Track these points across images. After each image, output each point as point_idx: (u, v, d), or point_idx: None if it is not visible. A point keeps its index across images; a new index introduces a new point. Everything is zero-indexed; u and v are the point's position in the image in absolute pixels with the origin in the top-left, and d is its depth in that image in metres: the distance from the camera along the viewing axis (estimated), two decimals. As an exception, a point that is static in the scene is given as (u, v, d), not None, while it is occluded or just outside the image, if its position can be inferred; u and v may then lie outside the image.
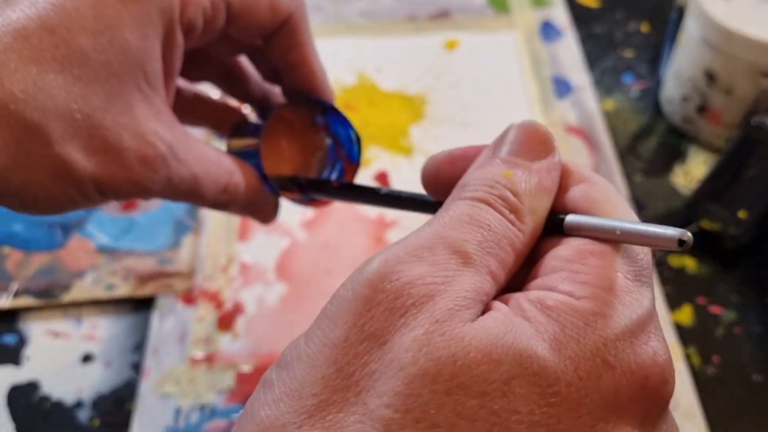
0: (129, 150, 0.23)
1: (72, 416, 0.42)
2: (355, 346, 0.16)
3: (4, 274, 0.48)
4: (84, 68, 0.21)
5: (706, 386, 0.42)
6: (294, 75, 0.29)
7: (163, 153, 0.23)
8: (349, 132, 0.30)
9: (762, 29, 0.47)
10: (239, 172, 0.27)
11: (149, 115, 0.23)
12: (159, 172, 0.24)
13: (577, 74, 0.60)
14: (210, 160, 0.26)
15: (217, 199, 0.27)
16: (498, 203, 0.19)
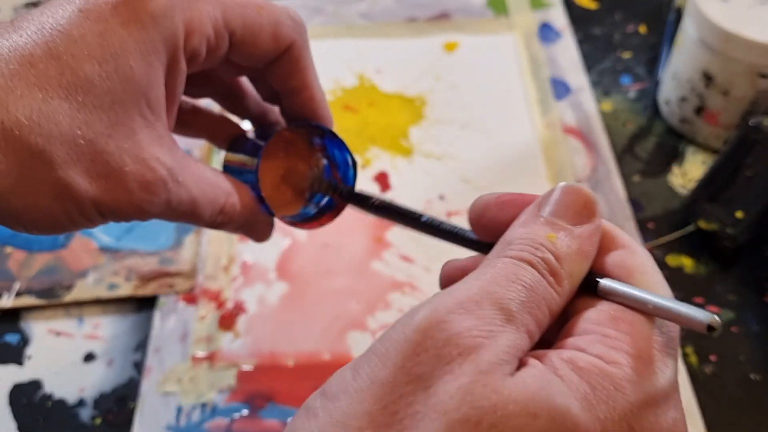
0: (130, 174, 0.23)
1: (74, 415, 0.42)
2: (401, 386, 0.17)
3: (7, 273, 0.48)
4: (89, 95, 0.22)
5: (703, 385, 0.42)
6: (294, 99, 0.30)
7: (164, 177, 0.24)
8: (346, 156, 0.31)
9: (759, 30, 0.47)
10: (236, 194, 0.28)
11: (151, 141, 0.24)
12: (159, 196, 0.24)
13: (576, 75, 0.61)
14: (208, 182, 0.27)
15: (214, 220, 0.27)
16: (541, 265, 0.20)
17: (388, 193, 0.53)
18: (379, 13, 0.67)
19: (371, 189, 0.53)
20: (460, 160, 0.55)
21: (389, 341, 0.18)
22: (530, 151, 0.55)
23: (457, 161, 0.55)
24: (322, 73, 0.63)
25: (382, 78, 0.61)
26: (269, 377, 0.43)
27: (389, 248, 0.50)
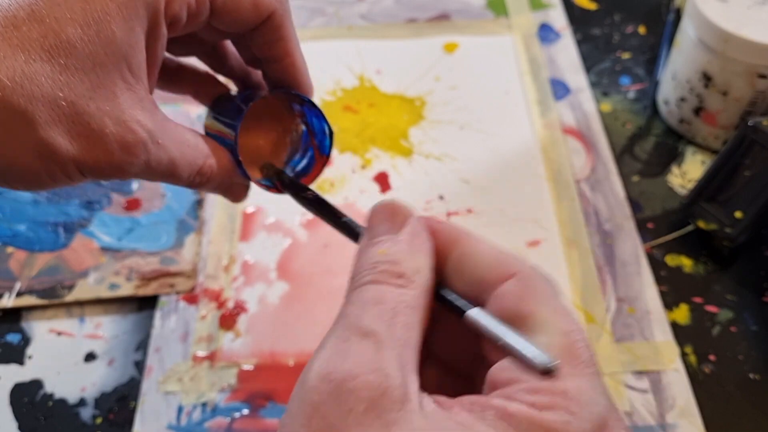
0: (111, 136, 0.24)
1: (75, 414, 0.42)
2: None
3: (8, 273, 0.48)
4: (71, 58, 0.22)
5: (702, 384, 0.43)
6: (275, 67, 0.30)
7: (144, 139, 0.25)
8: (324, 125, 0.32)
9: (758, 31, 0.48)
10: (214, 156, 0.29)
11: (131, 104, 0.24)
12: (139, 157, 0.25)
13: (575, 76, 0.61)
14: (187, 144, 0.27)
15: (192, 180, 0.28)
16: (383, 278, 0.21)
17: (389, 193, 0.53)
18: (380, 14, 0.67)
19: (371, 189, 0.53)
20: (459, 160, 0.55)
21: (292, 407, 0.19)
22: (530, 152, 0.55)
23: (457, 162, 0.55)
24: (323, 74, 0.63)
25: (382, 79, 0.62)
26: (270, 377, 0.43)
27: (389, 248, 0.50)
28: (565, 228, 0.50)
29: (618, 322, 0.45)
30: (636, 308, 0.46)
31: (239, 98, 0.32)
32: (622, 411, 0.41)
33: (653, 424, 0.41)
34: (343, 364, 0.19)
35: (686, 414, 0.41)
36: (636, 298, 0.46)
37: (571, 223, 0.50)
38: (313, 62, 0.66)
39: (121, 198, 0.52)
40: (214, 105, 0.33)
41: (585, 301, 0.46)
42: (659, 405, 0.42)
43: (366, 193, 0.53)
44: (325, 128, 0.32)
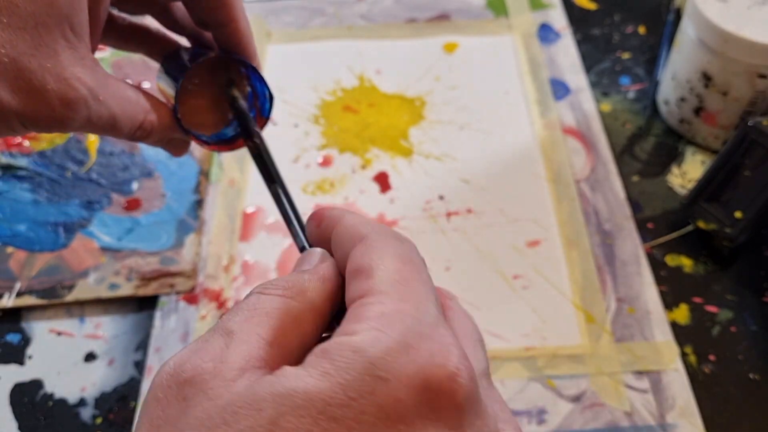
0: (52, 92, 0.25)
1: (75, 414, 0.42)
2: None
3: (8, 273, 0.48)
4: (13, 17, 0.23)
5: (702, 384, 0.43)
6: (221, 31, 0.31)
7: (84, 95, 0.26)
8: (265, 89, 0.33)
9: (758, 31, 0.48)
10: (154, 112, 0.30)
11: (73, 61, 0.25)
12: (80, 112, 0.26)
13: (575, 76, 0.61)
14: (128, 100, 0.28)
15: (133, 135, 0.29)
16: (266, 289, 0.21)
17: (389, 193, 0.53)
18: (379, 14, 0.67)
19: (371, 189, 0.53)
20: (459, 160, 0.55)
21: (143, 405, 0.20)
22: (529, 152, 0.55)
23: (457, 161, 0.55)
24: (323, 74, 0.63)
25: (382, 79, 0.62)
26: (270, 376, 0.43)
27: (389, 248, 0.50)
28: (565, 228, 0.50)
29: (618, 322, 0.45)
30: (636, 308, 0.46)
31: (187, 56, 0.33)
32: (622, 411, 0.41)
33: (653, 424, 0.41)
34: (192, 360, 0.19)
35: (686, 414, 0.41)
36: (636, 298, 0.46)
37: (571, 223, 0.50)
38: (313, 62, 0.66)
39: (121, 198, 0.52)
40: (164, 60, 0.34)
41: (585, 301, 0.46)
42: (659, 405, 0.42)
43: (366, 193, 0.53)
44: (267, 92, 0.33)
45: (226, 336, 0.20)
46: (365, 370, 0.18)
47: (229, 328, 0.20)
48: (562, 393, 0.42)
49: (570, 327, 0.45)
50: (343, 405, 0.17)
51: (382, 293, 0.20)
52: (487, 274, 0.48)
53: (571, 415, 0.41)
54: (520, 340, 0.45)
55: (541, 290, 0.47)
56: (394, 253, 0.22)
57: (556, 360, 0.44)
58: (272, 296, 0.21)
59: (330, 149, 0.56)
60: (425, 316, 0.19)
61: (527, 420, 0.41)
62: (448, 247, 0.50)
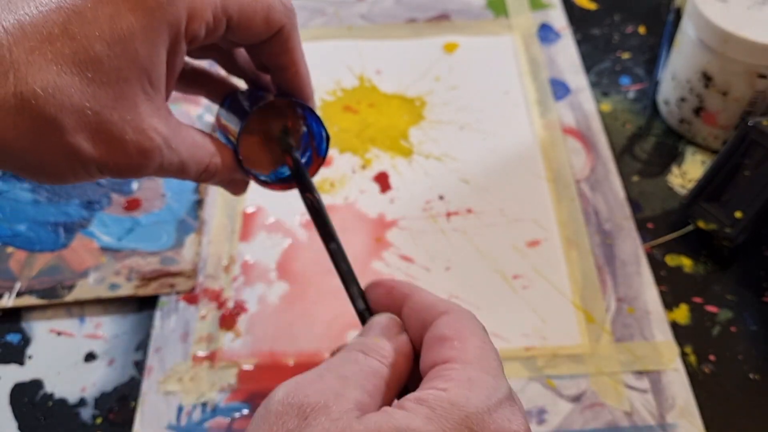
0: (130, 142, 0.26)
1: (75, 414, 0.42)
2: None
3: (8, 273, 0.48)
4: (97, 72, 0.25)
5: (702, 384, 0.43)
6: (282, 75, 0.33)
7: (159, 145, 0.27)
8: (321, 130, 0.34)
9: (758, 31, 0.48)
10: (219, 155, 0.31)
11: (150, 113, 0.27)
12: (154, 160, 0.27)
13: (575, 76, 0.61)
14: (196, 145, 0.30)
15: (198, 177, 0.31)
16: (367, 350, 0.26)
17: (389, 193, 0.53)
18: (379, 15, 0.67)
19: (372, 189, 0.53)
20: (459, 160, 0.55)
21: (258, 416, 0.23)
22: (529, 152, 0.55)
23: (457, 162, 0.55)
24: (323, 74, 0.63)
25: (382, 79, 0.62)
26: (270, 376, 0.43)
27: (389, 248, 0.50)
28: (565, 228, 0.50)
29: (618, 322, 0.45)
30: (636, 308, 0.46)
31: (247, 99, 0.34)
32: (622, 411, 0.41)
33: (653, 424, 0.41)
34: (310, 388, 0.23)
35: (686, 414, 0.41)
36: (636, 298, 0.46)
37: (571, 223, 0.50)
38: (313, 62, 0.66)
39: (121, 198, 0.52)
40: (223, 103, 0.35)
41: (585, 300, 0.46)
42: (659, 405, 0.42)
43: (366, 193, 0.53)
44: (323, 133, 0.34)
45: (341, 379, 0.24)
46: (462, 421, 0.22)
47: (344, 374, 0.24)
48: (562, 393, 0.42)
49: (570, 327, 0.45)
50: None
51: (467, 362, 0.24)
52: (487, 274, 0.48)
53: (571, 415, 0.41)
54: (520, 339, 0.45)
55: (541, 290, 0.47)
56: (475, 329, 0.26)
57: (556, 360, 0.44)
58: (374, 359, 0.26)
59: (330, 149, 0.56)
60: (502, 388, 0.24)
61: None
62: (448, 247, 0.50)
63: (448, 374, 0.24)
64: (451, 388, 0.23)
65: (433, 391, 0.23)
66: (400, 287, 0.29)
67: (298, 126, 0.35)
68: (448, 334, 0.26)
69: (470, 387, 0.23)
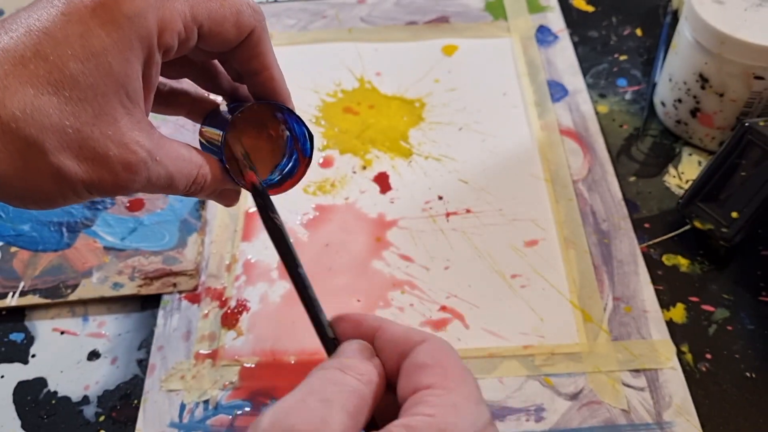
0: (114, 157, 0.26)
1: (78, 412, 0.43)
2: None
3: (12, 273, 0.49)
4: (74, 90, 0.25)
5: (699, 383, 0.43)
6: (256, 80, 0.33)
7: (144, 158, 0.27)
8: (303, 129, 0.34)
9: (755, 33, 0.48)
10: (206, 166, 0.31)
11: (131, 127, 0.27)
12: (141, 174, 0.27)
13: (573, 78, 0.61)
14: (183, 159, 0.30)
15: (188, 190, 0.31)
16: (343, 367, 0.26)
17: (389, 193, 0.54)
18: (380, 17, 0.68)
19: (372, 189, 0.54)
20: (458, 161, 0.56)
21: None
22: (528, 153, 0.56)
23: (456, 162, 0.56)
24: (324, 76, 0.64)
25: (382, 80, 0.62)
26: (271, 374, 0.44)
27: (389, 247, 0.50)
28: (562, 228, 0.51)
29: (615, 321, 0.46)
30: (633, 307, 0.46)
31: (227, 111, 0.34)
32: (620, 409, 0.42)
33: (650, 422, 0.41)
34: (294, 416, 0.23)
35: (683, 412, 0.42)
36: (633, 297, 0.47)
37: (569, 223, 0.51)
38: (313, 64, 0.66)
39: (124, 198, 0.53)
40: (205, 120, 0.35)
41: (582, 300, 0.47)
42: (656, 403, 0.42)
43: (366, 193, 0.54)
44: (305, 132, 0.34)
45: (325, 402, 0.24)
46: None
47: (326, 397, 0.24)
48: (560, 391, 0.43)
49: (568, 325, 0.46)
50: None
51: (450, 389, 0.25)
52: (486, 274, 0.49)
53: (568, 413, 0.42)
54: (518, 338, 0.45)
55: (539, 289, 0.48)
56: (453, 356, 0.27)
57: (554, 358, 0.44)
58: (353, 377, 0.26)
59: (331, 150, 0.57)
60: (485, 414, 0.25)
61: (525, 418, 0.42)
62: (447, 247, 0.50)
63: (432, 400, 0.24)
64: (437, 414, 0.23)
65: (420, 417, 0.23)
66: (369, 320, 0.29)
67: (281, 132, 0.35)
68: (429, 362, 0.26)
69: (456, 413, 0.24)
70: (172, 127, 0.58)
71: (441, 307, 0.47)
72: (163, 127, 0.58)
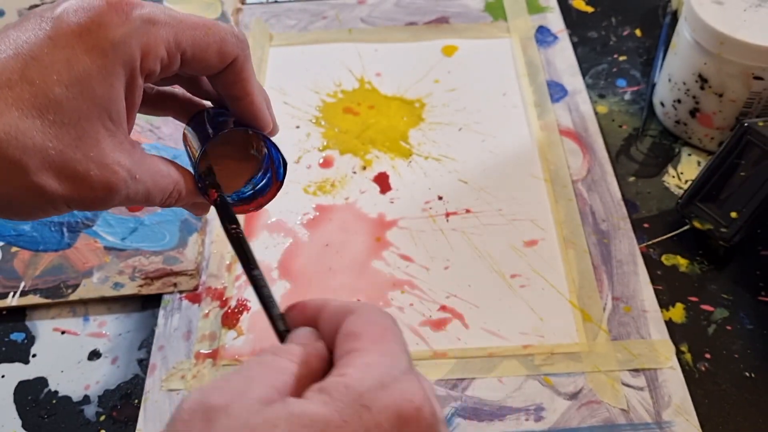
0: (95, 177, 0.27)
1: (79, 412, 0.43)
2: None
3: (13, 273, 0.49)
4: (58, 114, 0.26)
5: (698, 382, 0.43)
6: (238, 104, 0.33)
7: (124, 178, 0.28)
8: (279, 156, 0.35)
9: (754, 33, 0.48)
10: (182, 181, 0.32)
11: (113, 148, 0.28)
12: (120, 193, 0.28)
13: (572, 78, 0.62)
14: (160, 174, 0.31)
15: (163, 203, 0.32)
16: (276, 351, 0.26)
17: (389, 194, 0.54)
18: (380, 18, 0.68)
19: (371, 190, 0.54)
20: (458, 161, 0.56)
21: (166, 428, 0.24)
22: (527, 153, 0.56)
23: (456, 162, 0.56)
24: (324, 76, 0.64)
25: (382, 81, 0.62)
26: (271, 374, 0.44)
27: (389, 247, 0.50)
28: (562, 228, 0.51)
29: (614, 321, 0.46)
30: (632, 307, 0.46)
31: (212, 120, 0.35)
32: (619, 408, 0.42)
33: (650, 422, 0.41)
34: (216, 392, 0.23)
35: (682, 411, 0.42)
36: (632, 297, 0.47)
37: (568, 223, 0.51)
38: (314, 64, 0.67)
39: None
40: (190, 121, 0.36)
41: (582, 299, 0.47)
42: (655, 402, 0.42)
43: (366, 193, 0.54)
44: (281, 159, 0.35)
45: (247, 379, 0.24)
46: (355, 400, 0.23)
47: (250, 375, 0.24)
48: (560, 390, 0.43)
49: (567, 325, 0.46)
50: (339, 426, 0.22)
51: (367, 350, 0.25)
52: (486, 273, 0.49)
53: (568, 412, 0.42)
54: (518, 338, 0.45)
55: (538, 289, 0.48)
56: (376, 321, 0.27)
57: (554, 358, 0.44)
58: (285, 359, 0.26)
59: (331, 150, 0.57)
60: (399, 366, 0.25)
61: (525, 417, 0.42)
62: (447, 247, 0.50)
63: (348, 361, 0.25)
64: (348, 373, 0.24)
65: (332, 378, 0.24)
66: (312, 303, 0.29)
67: (260, 148, 0.36)
68: (354, 330, 0.26)
69: (366, 370, 0.24)
70: (172, 127, 0.58)
71: (441, 307, 0.47)
72: (164, 127, 0.58)
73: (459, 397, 0.43)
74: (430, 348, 0.45)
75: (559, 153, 0.56)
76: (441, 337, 0.46)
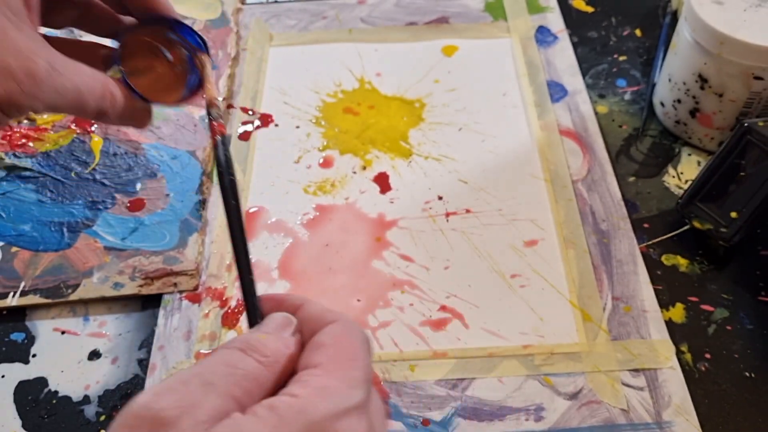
0: (15, 67, 0.27)
1: (79, 412, 0.43)
2: None
3: (13, 272, 0.49)
4: None
5: (698, 382, 0.43)
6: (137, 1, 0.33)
7: (45, 67, 0.28)
8: (196, 38, 0.34)
9: (754, 33, 0.48)
10: (111, 81, 0.32)
11: (24, 38, 0.27)
12: (46, 83, 0.28)
13: (572, 78, 0.62)
14: (86, 73, 0.30)
15: (99, 107, 0.31)
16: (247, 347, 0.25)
17: (389, 194, 0.54)
18: (380, 18, 0.68)
19: (372, 189, 0.54)
20: (458, 161, 0.56)
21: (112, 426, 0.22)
22: (527, 153, 0.56)
23: (456, 162, 0.56)
24: (324, 76, 0.64)
25: (382, 81, 0.62)
26: (271, 374, 0.44)
27: (389, 247, 0.50)
28: (562, 228, 0.51)
29: (614, 321, 0.46)
30: (632, 307, 0.46)
31: None
32: (619, 408, 0.42)
33: (649, 422, 0.41)
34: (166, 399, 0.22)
35: (682, 411, 0.42)
36: (632, 297, 0.47)
37: (568, 223, 0.51)
38: (314, 64, 0.66)
39: (125, 198, 0.53)
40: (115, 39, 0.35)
41: (582, 299, 0.47)
42: (655, 402, 0.42)
43: (366, 193, 0.54)
44: (198, 39, 0.34)
45: (206, 386, 0.23)
46: (305, 428, 0.22)
47: (211, 380, 0.23)
48: (560, 390, 0.43)
49: (567, 325, 0.46)
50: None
51: (330, 371, 0.25)
52: (486, 273, 0.49)
53: (568, 412, 0.42)
54: (518, 338, 0.45)
55: (538, 289, 0.48)
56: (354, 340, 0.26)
57: (554, 358, 0.44)
58: (252, 360, 0.25)
59: (331, 150, 0.57)
60: (354, 398, 0.24)
61: (525, 417, 0.42)
62: (447, 247, 0.50)
63: (307, 380, 0.24)
64: (303, 395, 0.23)
65: (285, 398, 0.23)
66: (290, 299, 0.29)
67: (181, 54, 0.35)
68: (327, 342, 0.26)
69: (322, 395, 0.23)
70: (172, 127, 0.58)
71: (441, 307, 0.47)
72: (164, 127, 0.58)
73: (459, 397, 0.43)
74: (430, 348, 0.45)
75: (559, 153, 0.56)
76: (441, 337, 0.46)
